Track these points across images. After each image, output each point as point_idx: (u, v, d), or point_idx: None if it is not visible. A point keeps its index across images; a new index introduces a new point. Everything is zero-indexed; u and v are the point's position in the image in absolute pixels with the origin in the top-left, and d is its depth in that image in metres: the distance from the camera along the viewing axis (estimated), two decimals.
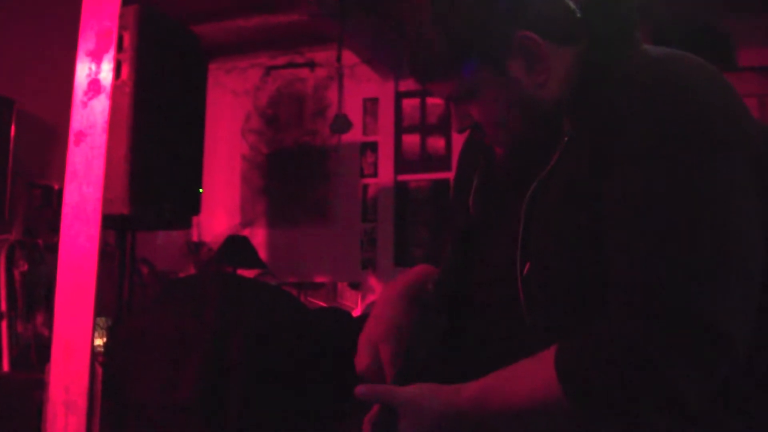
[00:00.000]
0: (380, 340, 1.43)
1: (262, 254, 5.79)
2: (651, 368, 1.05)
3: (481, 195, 1.48)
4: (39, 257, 4.18)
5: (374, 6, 5.25)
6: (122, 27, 2.99)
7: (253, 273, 5.59)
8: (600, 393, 1.09)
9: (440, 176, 5.82)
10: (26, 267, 4.12)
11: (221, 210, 6.27)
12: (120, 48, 3.00)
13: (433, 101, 5.84)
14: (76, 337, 2.09)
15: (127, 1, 3.04)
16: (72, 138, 2.13)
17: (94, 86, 2.12)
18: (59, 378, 2.08)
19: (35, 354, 3.97)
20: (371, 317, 1.49)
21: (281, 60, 6.30)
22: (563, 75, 1.30)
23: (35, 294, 4.14)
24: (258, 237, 6.11)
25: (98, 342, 3.27)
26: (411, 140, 6.00)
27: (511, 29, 1.27)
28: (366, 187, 6.07)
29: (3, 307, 4.02)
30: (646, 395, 1.07)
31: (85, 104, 2.11)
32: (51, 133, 4.61)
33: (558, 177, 1.26)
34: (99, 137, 2.08)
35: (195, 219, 3.77)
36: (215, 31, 5.45)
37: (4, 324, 3.99)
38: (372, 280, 5.88)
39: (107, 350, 3.10)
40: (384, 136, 6.04)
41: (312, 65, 6.23)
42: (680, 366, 1.05)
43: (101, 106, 2.10)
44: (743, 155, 1.17)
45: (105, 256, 2.34)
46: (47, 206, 4.64)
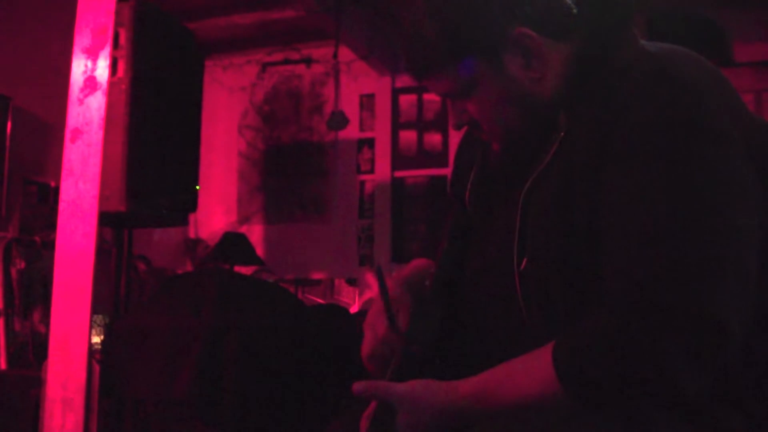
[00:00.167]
0: (376, 319, 1.44)
1: (259, 251, 5.79)
2: (648, 360, 1.06)
3: (478, 190, 1.48)
4: (36, 254, 4.18)
5: (370, 2, 5.24)
6: (118, 24, 2.98)
7: (250, 270, 5.59)
8: (598, 387, 1.09)
9: (437, 172, 5.82)
10: (23, 264, 4.12)
11: (218, 207, 6.27)
12: (116, 45, 2.99)
13: (430, 97, 5.84)
14: (73, 335, 2.09)
15: None
16: (68, 135, 2.12)
17: (90, 83, 2.12)
18: (56, 375, 2.08)
19: (32, 351, 3.97)
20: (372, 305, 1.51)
21: (278, 56, 6.30)
22: (559, 70, 1.30)
23: (32, 291, 4.14)
24: (255, 234, 6.11)
25: (95, 339, 3.27)
26: (408, 136, 6.00)
27: (508, 25, 1.27)
28: (363, 184, 6.07)
29: (0, 305, 4.02)
30: (644, 387, 1.07)
31: (82, 101, 2.11)
32: (47, 130, 4.60)
33: (555, 172, 1.27)
34: (95, 134, 2.08)
35: (192, 216, 3.77)
36: (211, 28, 5.44)
37: (1, 321, 3.99)
38: (369, 277, 5.88)
39: (104, 347, 3.10)
40: (381, 133, 6.04)
41: (308, 61, 6.23)
42: (677, 357, 1.05)
43: (97, 103, 2.10)
44: (739, 149, 1.17)
45: (101, 253, 2.34)
46: (44, 203, 4.63)
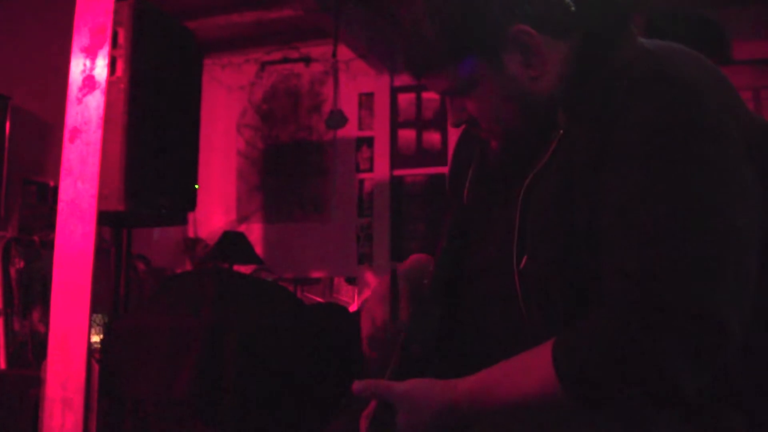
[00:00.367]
0: (374, 306, 1.45)
1: (259, 250, 5.79)
2: (648, 360, 1.06)
3: (477, 188, 1.48)
4: (35, 254, 4.17)
5: (370, 1, 5.24)
6: (117, 23, 2.98)
7: (250, 269, 5.59)
8: (597, 386, 1.09)
9: (436, 171, 5.82)
10: (22, 264, 4.12)
11: (217, 206, 6.26)
12: (114, 44, 2.99)
13: (429, 96, 5.84)
14: (73, 334, 2.09)
15: None
16: (67, 135, 2.12)
17: (89, 82, 2.12)
18: (56, 375, 2.08)
19: (32, 351, 3.97)
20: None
21: (276, 55, 6.30)
22: (558, 68, 1.30)
23: (31, 291, 4.14)
24: (254, 233, 6.11)
25: (95, 339, 3.27)
26: (407, 135, 6.00)
27: (507, 23, 1.27)
28: (362, 182, 6.07)
29: None
30: (644, 387, 1.07)
31: (80, 100, 2.11)
32: (46, 130, 4.60)
33: (553, 170, 1.27)
34: (94, 134, 2.08)
35: (191, 215, 3.76)
36: (210, 27, 5.43)
37: (1, 321, 3.99)
38: (368, 275, 5.88)
39: (104, 347, 3.10)
40: (380, 131, 6.03)
41: (307, 60, 6.22)
42: (677, 357, 1.05)
43: (96, 103, 2.10)
44: (739, 148, 1.17)
45: (101, 253, 2.34)
46: (43, 203, 4.63)
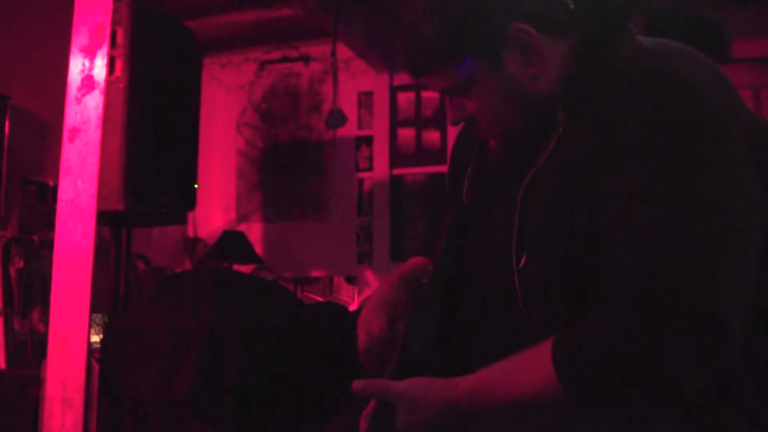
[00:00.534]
0: (370, 317, 1.45)
1: (258, 249, 5.79)
2: (648, 359, 1.06)
3: (476, 187, 1.48)
4: (34, 254, 4.17)
5: (369, 0, 5.24)
6: (115, 22, 2.98)
7: (249, 268, 5.59)
8: (597, 385, 1.09)
9: (436, 170, 5.82)
10: (22, 264, 4.11)
11: (217, 205, 6.26)
12: (113, 44, 2.99)
13: (428, 95, 5.83)
14: (73, 334, 2.09)
15: None
16: (66, 134, 2.12)
17: (88, 82, 2.12)
18: (56, 374, 2.08)
19: (32, 351, 3.97)
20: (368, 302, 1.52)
21: (276, 54, 6.29)
22: (558, 67, 1.30)
23: (31, 290, 4.14)
24: (254, 232, 6.10)
25: (94, 338, 3.27)
26: (406, 134, 6.00)
27: (506, 22, 1.27)
28: (361, 182, 6.07)
29: None
30: (644, 386, 1.07)
31: (79, 100, 2.11)
32: (45, 130, 4.60)
33: (553, 169, 1.26)
34: (93, 133, 2.08)
35: (190, 214, 3.77)
36: (209, 26, 5.43)
37: (0, 321, 3.98)
38: (368, 274, 5.88)
39: (104, 346, 3.10)
40: (379, 130, 6.03)
41: (306, 59, 6.22)
42: (677, 356, 1.05)
43: (95, 102, 2.10)
44: (738, 147, 1.17)
45: (100, 252, 2.34)
46: (42, 203, 4.63)
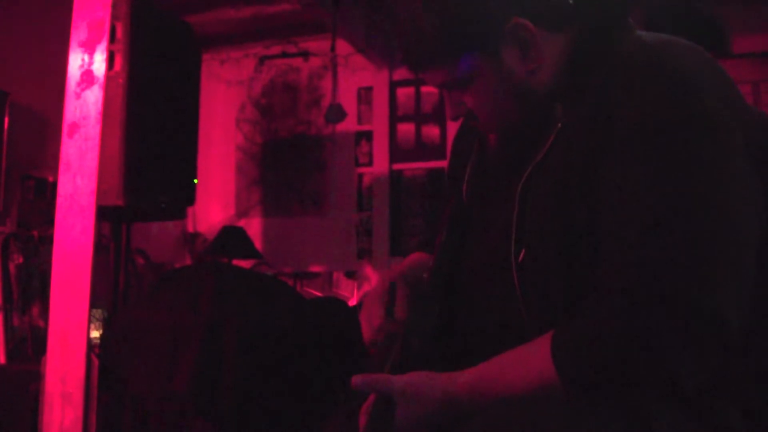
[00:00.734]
0: (370, 308, 1.46)
1: (258, 244, 5.78)
2: (646, 353, 1.06)
3: (475, 182, 1.48)
4: (34, 249, 4.17)
5: None
6: (115, 18, 2.98)
7: (249, 263, 5.59)
8: (596, 379, 1.09)
9: (435, 165, 5.81)
10: (21, 259, 4.12)
11: (216, 200, 6.26)
12: (113, 39, 2.98)
13: (428, 90, 5.83)
14: (72, 329, 2.09)
15: None
16: (65, 130, 2.12)
17: (87, 77, 2.12)
18: (55, 370, 2.09)
19: (31, 346, 3.97)
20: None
21: (275, 50, 6.28)
22: (556, 61, 1.30)
23: (31, 286, 4.14)
24: (253, 227, 6.10)
25: (94, 334, 3.27)
26: (406, 129, 5.99)
27: (504, 16, 1.27)
28: (361, 177, 6.06)
29: None
30: (642, 380, 1.07)
31: (79, 95, 2.11)
32: (45, 125, 4.60)
33: (551, 163, 1.26)
34: (92, 128, 2.08)
35: (190, 209, 3.77)
36: (209, 22, 5.43)
37: (0, 316, 3.99)
38: (368, 270, 5.88)
39: (103, 342, 3.10)
40: (378, 126, 6.03)
41: (306, 55, 6.21)
42: (675, 349, 1.05)
43: (94, 97, 2.10)
44: (737, 141, 1.17)
45: (100, 248, 2.34)
46: (41, 198, 4.63)
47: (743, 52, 4.80)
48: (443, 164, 5.62)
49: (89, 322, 2.10)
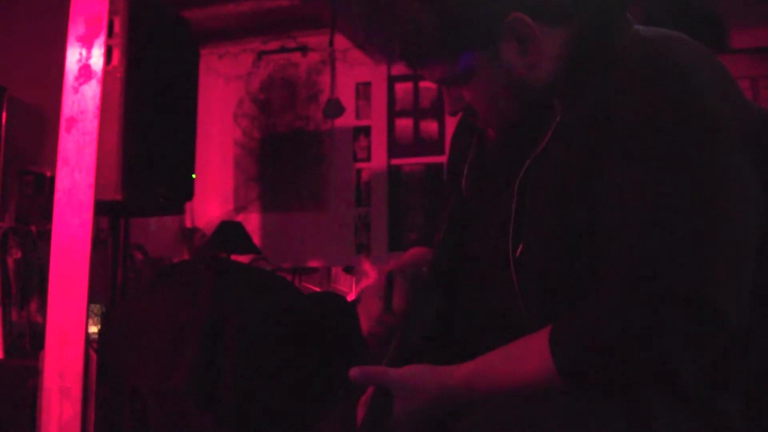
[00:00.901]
0: (368, 301, 1.46)
1: (256, 240, 5.78)
2: (645, 346, 1.06)
3: (474, 177, 1.48)
4: (32, 244, 4.17)
5: None
6: (112, 12, 2.97)
7: (247, 258, 5.58)
8: (594, 372, 1.09)
9: (434, 160, 5.81)
10: (19, 254, 4.11)
11: (214, 195, 6.26)
12: (110, 33, 2.98)
13: (426, 85, 5.83)
14: (70, 324, 2.09)
15: None
16: (63, 124, 2.12)
17: (85, 72, 2.11)
18: (54, 365, 2.09)
19: (29, 341, 3.97)
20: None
21: (273, 45, 6.28)
22: (555, 56, 1.30)
23: (29, 281, 4.14)
24: (251, 222, 6.10)
25: (92, 329, 3.27)
26: (404, 124, 5.99)
27: (503, 11, 1.27)
28: (359, 172, 6.06)
29: None
30: (640, 372, 1.08)
31: (76, 90, 2.11)
32: (42, 120, 4.59)
33: (550, 158, 1.26)
34: (90, 123, 2.08)
35: (188, 205, 3.76)
36: (207, 16, 5.42)
37: None
38: (366, 265, 5.88)
39: (101, 337, 3.10)
40: (377, 121, 6.02)
41: (304, 50, 6.21)
42: (674, 343, 1.05)
43: (92, 92, 2.10)
44: (736, 136, 1.17)
45: (98, 243, 2.34)
46: (40, 193, 4.63)
47: (742, 47, 4.80)
48: (442, 159, 5.62)
49: (87, 318, 2.10)
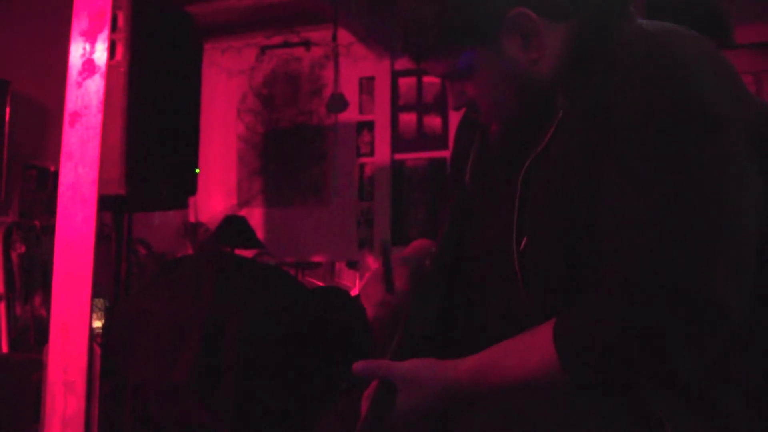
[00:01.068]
0: (370, 287, 1.46)
1: (260, 234, 5.79)
2: (647, 341, 1.06)
3: (478, 171, 1.48)
4: (36, 239, 4.18)
5: None
6: (116, 7, 2.98)
7: (251, 253, 5.59)
8: (599, 365, 1.09)
9: (437, 155, 5.81)
10: (23, 249, 4.13)
11: (218, 190, 6.26)
12: (114, 28, 2.98)
13: (430, 80, 5.82)
14: (74, 319, 2.09)
15: None
16: (67, 119, 2.12)
17: (89, 66, 2.12)
18: (58, 359, 2.09)
19: (33, 335, 3.99)
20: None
21: (276, 39, 6.27)
22: (558, 51, 1.30)
23: (33, 276, 4.15)
24: (255, 217, 6.10)
25: (96, 323, 3.28)
26: (407, 119, 5.99)
27: (506, 6, 1.27)
28: (363, 167, 6.06)
29: (1, 289, 4.03)
30: (643, 366, 1.08)
31: (80, 84, 2.11)
32: (46, 115, 4.59)
33: (553, 152, 1.27)
34: (94, 118, 2.08)
35: (191, 199, 3.77)
36: (210, 11, 5.41)
37: (2, 306, 4.00)
38: (369, 260, 5.89)
39: (105, 331, 3.11)
40: (380, 115, 6.02)
41: (307, 44, 6.20)
42: (676, 338, 1.05)
43: (96, 87, 2.10)
44: (739, 131, 1.17)
45: (101, 238, 2.34)
46: (43, 188, 4.63)
47: (745, 43, 4.78)
48: (445, 154, 5.62)
49: (91, 312, 2.10)
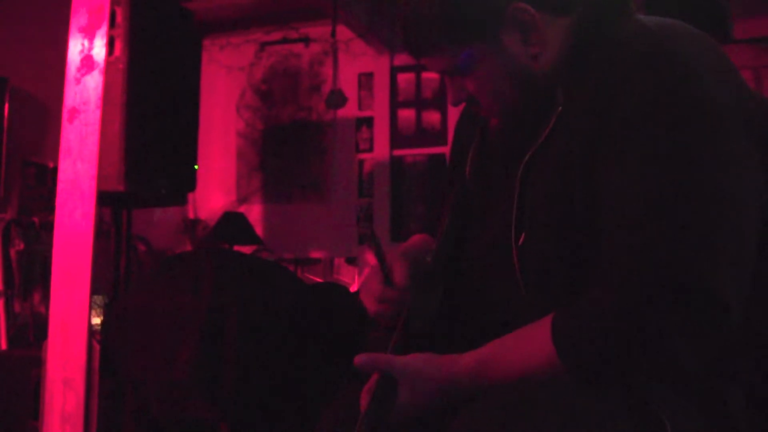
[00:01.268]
0: (369, 282, 1.46)
1: (258, 230, 5.79)
2: (648, 336, 1.06)
3: (477, 166, 1.48)
4: (35, 236, 4.18)
5: None
6: (114, 2, 2.98)
7: (250, 249, 5.60)
8: (598, 361, 1.09)
9: (436, 151, 5.81)
10: (22, 246, 4.12)
11: (217, 186, 6.26)
12: (112, 24, 2.98)
13: (429, 76, 5.82)
14: (73, 315, 2.09)
15: None
16: (66, 115, 2.12)
17: (87, 62, 2.11)
18: (57, 355, 2.09)
19: (32, 332, 3.98)
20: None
21: (276, 35, 6.27)
22: (557, 46, 1.30)
23: (32, 272, 4.15)
24: (254, 213, 6.11)
25: (95, 320, 3.28)
26: (406, 115, 5.98)
27: (505, 1, 1.26)
28: (362, 163, 6.06)
29: (0, 286, 4.03)
30: (643, 361, 1.08)
31: (79, 80, 2.11)
32: (45, 111, 4.59)
33: (552, 147, 1.26)
34: (93, 114, 2.08)
35: (190, 196, 3.77)
36: (209, 7, 5.41)
37: (1, 302, 4.00)
38: (369, 256, 5.88)
39: (104, 328, 3.11)
40: (379, 111, 6.02)
41: (306, 40, 6.20)
42: (677, 333, 1.05)
43: (94, 83, 2.09)
44: (738, 125, 1.17)
45: (100, 234, 2.34)
46: (42, 184, 4.63)
47: (744, 37, 4.78)
48: (444, 150, 5.62)
49: (90, 308, 2.10)
